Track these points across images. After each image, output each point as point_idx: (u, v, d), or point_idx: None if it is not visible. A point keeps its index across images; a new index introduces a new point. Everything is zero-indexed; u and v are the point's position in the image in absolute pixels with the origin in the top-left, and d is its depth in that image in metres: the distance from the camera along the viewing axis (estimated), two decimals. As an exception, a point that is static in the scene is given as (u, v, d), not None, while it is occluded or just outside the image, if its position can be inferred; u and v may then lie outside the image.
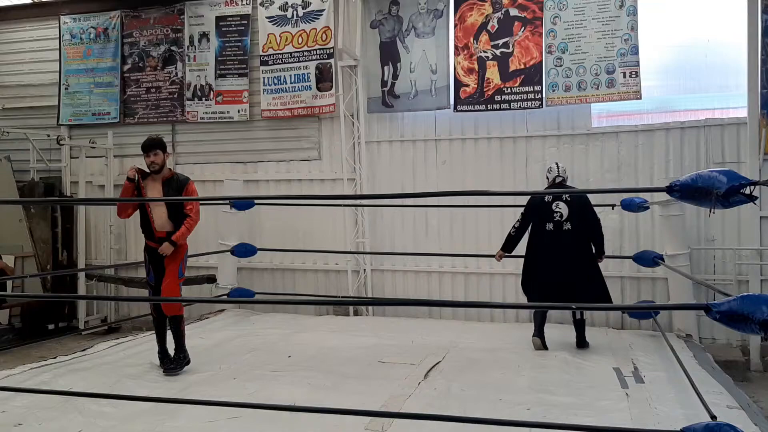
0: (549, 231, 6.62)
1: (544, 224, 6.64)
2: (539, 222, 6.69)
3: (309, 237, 9.57)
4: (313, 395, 5.14)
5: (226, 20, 10.06)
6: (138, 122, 10.56)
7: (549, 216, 6.63)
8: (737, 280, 7.86)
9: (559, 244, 6.59)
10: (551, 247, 6.62)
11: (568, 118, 8.70)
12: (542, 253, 6.68)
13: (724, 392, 5.21)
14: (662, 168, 8.30)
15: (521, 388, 5.39)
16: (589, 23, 8.36)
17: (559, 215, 6.62)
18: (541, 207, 6.66)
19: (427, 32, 9.10)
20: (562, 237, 6.60)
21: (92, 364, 6.25)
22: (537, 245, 6.74)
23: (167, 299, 5.97)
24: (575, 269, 6.60)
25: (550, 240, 6.62)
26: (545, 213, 6.64)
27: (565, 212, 6.62)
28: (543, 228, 6.65)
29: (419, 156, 9.30)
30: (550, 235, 6.62)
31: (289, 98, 9.65)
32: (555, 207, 6.62)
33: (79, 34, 10.87)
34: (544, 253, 6.67)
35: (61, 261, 10.32)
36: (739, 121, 8.00)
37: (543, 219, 6.66)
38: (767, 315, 3.04)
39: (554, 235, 6.61)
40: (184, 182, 6.08)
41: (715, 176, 3.32)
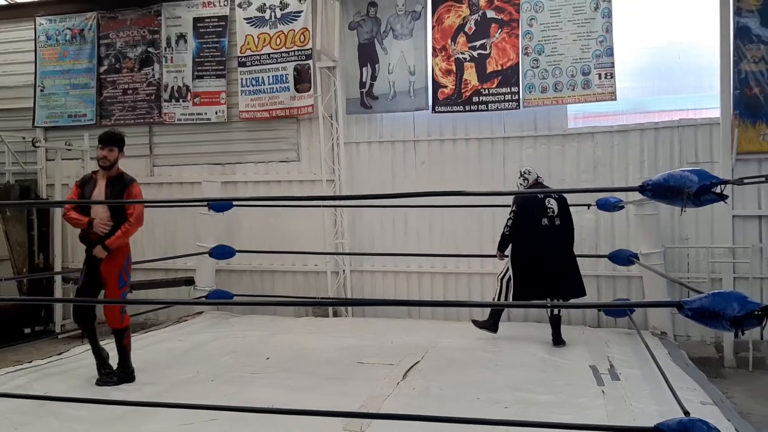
0: (545, 226, 6.93)
1: (541, 220, 6.92)
2: (535, 218, 6.92)
3: (288, 238, 9.55)
4: (291, 397, 5.13)
5: (203, 21, 10.01)
6: (115, 124, 10.44)
7: (544, 212, 6.93)
8: (710, 278, 7.97)
9: (554, 238, 6.93)
10: (549, 240, 6.91)
11: (544, 119, 8.78)
12: (539, 246, 6.89)
13: (698, 388, 5.29)
14: (637, 168, 8.40)
15: (499, 387, 5.43)
16: (564, 25, 8.45)
17: (552, 211, 6.96)
18: (535, 204, 6.93)
19: (405, 34, 9.13)
20: (555, 231, 6.94)
21: (68, 368, 6.18)
22: (532, 240, 6.92)
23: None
24: (567, 260, 7.01)
25: (547, 234, 6.92)
26: (540, 209, 6.94)
27: (556, 208, 6.98)
28: (539, 223, 6.91)
29: (398, 157, 9.33)
30: (547, 230, 6.92)
31: (267, 99, 9.63)
32: (548, 203, 6.96)
33: (55, 36, 10.76)
34: (541, 246, 6.89)
35: (38, 264, 10.21)
36: (712, 122, 8.12)
37: (538, 215, 6.92)
38: (738, 311, 3.08)
39: (550, 230, 6.92)
40: (128, 183, 5.67)
41: (686, 176, 3.36)
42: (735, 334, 7.40)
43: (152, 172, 10.42)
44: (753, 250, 7.89)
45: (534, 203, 6.94)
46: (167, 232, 10.27)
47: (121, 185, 5.65)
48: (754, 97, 7.87)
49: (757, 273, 7.90)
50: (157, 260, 9.48)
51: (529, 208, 6.93)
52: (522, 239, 6.96)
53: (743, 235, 7.98)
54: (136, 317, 9.44)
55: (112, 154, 5.61)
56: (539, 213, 6.93)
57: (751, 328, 3.11)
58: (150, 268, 9.75)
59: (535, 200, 6.94)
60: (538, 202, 6.95)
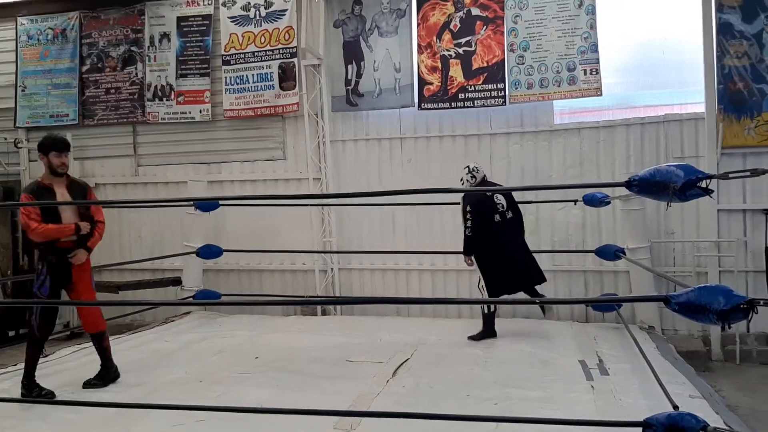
0: (498, 222, 7.02)
1: (492, 216, 7.01)
2: (487, 216, 6.99)
3: (275, 237, 9.50)
4: (280, 396, 5.12)
5: (187, 20, 9.94)
6: (98, 124, 10.39)
7: (495, 208, 7.03)
8: (696, 272, 8.04)
9: (508, 231, 7.06)
10: (503, 234, 7.01)
11: (531, 115, 8.80)
12: (498, 242, 6.96)
13: (686, 382, 5.33)
14: (623, 163, 8.45)
15: (488, 384, 5.44)
16: (549, 22, 8.46)
17: (501, 206, 7.07)
18: (485, 202, 7.01)
19: (390, 31, 9.11)
20: (508, 224, 7.07)
21: (54, 371, 6.12)
22: (488, 237, 6.97)
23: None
24: (523, 249, 7.18)
25: (501, 228, 7.01)
26: (491, 207, 7.02)
27: (504, 203, 7.10)
28: (492, 220, 7.00)
29: (384, 154, 9.32)
30: (501, 225, 7.02)
31: (252, 98, 9.58)
32: (496, 199, 7.07)
33: (37, 36, 10.64)
34: (499, 242, 6.97)
35: (22, 266, 10.09)
36: (697, 117, 8.18)
37: (490, 212, 7.01)
38: (724, 305, 3.09)
39: (503, 224, 7.03)
40: (86, 187, 5.71)
41: (672, 170, 3.37)
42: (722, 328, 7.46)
43: (137, 172, 10.33)
44: (738, 243, 7.96)
45: (485, 201, 7.01)
46: (153, 233, 10.20)
47: (81, 189, 5.64)
48: (738, 91, 7.93)
49: (742, 266, 7.97)
50: (144, 261, 9.42)
51: (482, 206, 6.98)
52: (481, 238, 7.00)
53: (728, 229, 8.05)
54: (123, 318, 9.41)
55: (68, 159, 5.54)
56: (491, 210, 7.02)
57: (737, 321, 3.13)
58: (136, 268, 9.70)
59: (486, 198, 7.01)
60: (488, 200, 7.03)
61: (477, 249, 7.01)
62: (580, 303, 8.35)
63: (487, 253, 6.99)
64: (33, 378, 5.37)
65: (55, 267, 5.41)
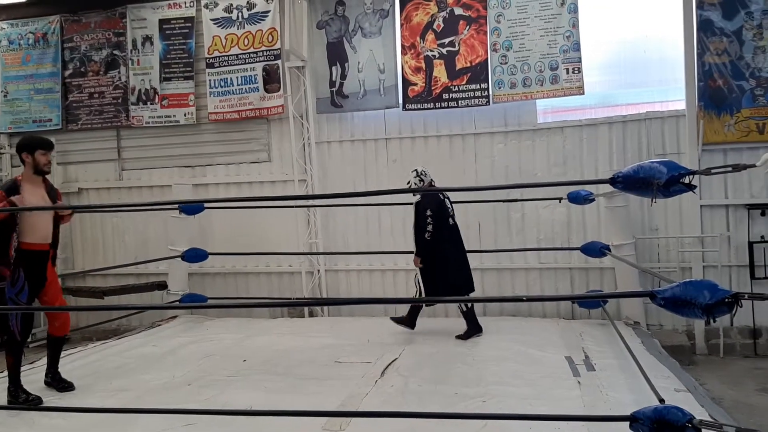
0: (452, 225, 7.21)
1: (447, 220, 7.15)
2: (443, 220, 7.10)
3: (261, 239, 9.48)
4: (269, 398, 5.10)
5: (169, 23, 9.90)
6: (81, 128, 10.31)
7: (448, 212, 7.18)
8: (680, 267, 8.12)
9: (458, 235, 7.28)
10: (456, 238, 7.24)
11: (514, 114, 8.85)
12: (452, 245, 7.14)
13: (671, 376, 5.37)
14: (606, 161, 8.51)
15: (476, 381, 5.45)
16: (532, 21, 8.51)
17: (452, 210, 7.25)
18: (442, 206, 7.12)
19: (373, 32, 9.13)
20: (456, 229, 7.29)
21: (40, 377, 6.04)
22: (446, 241, 7.09)
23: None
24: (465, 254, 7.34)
25: (454, 232, 7.23)
26: (445, 211, 7.16)
27: (452, 208, 7.27)
28: (447, 224, 7.14)
29: (370, 155, 9.33)
30: (453, 229, 7.23)
31: (236, 100, 9.56)
32: (448, 204, 7.22)
33: (17, 40, 10.55)
34: (451, 245, 7.14)
35: (5, 273, 9.98)
36: (678, 114, 8.27)
37: (445, 216, 7.14)
38: (709, 299, 3.14)
39: (455, 228, 7.25)
40: (55, 187, 5.73)
41: (655, 167, 3.42)
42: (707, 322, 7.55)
43: (121, 176, 10.27)
44: (721, 238, 8.05)
45: (441, 206, 7.12)
46: (138, 237, 10.15)
47: (53, 189, 5.65)
48: (718, 88, 8.03)
49: (725, 261, 8.06)
50: (128, 265, 9.34)
51: (440, 210, 7.08)
52: (442, 240, 7.10)
53: (711, 224, 8.14)
54: (109, 324, 9.36)
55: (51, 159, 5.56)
56: (446, 214, 7.16)
57: (722, 315, 3.18)
58: (121, 273, 9.63)
59: (441, 203, 7.14)
60: (443, 204, 7.15)
61: (434, 250, 7.07)
62: (566, 300, 8.41)
63: (440, 256, 7.08)
64: (19, 384, 5.33)
65: (32, 272, 5.33)
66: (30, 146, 5.43)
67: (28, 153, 5.42)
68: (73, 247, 10.44)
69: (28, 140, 5.50)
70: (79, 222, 10.39)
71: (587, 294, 8.29)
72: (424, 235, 6.96)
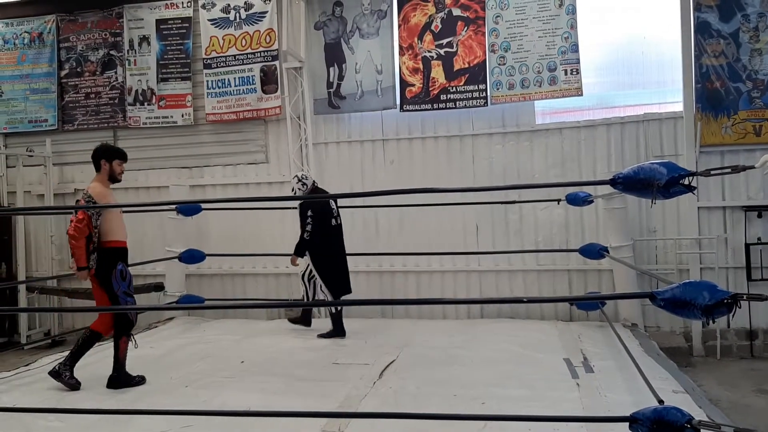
0: (335, 226, 7.54)
1: (330, 221, 7.48)
2: (326, 220, 7.43)
3: (258, 241, 9.47)
4: (267, 400, 5.08)
5: (166, 23, 9.87)
6: (78, 129, 10.28)
7: (331, 213, 7.51)
8: (678, 269, 8.13)
9: (341, 236, 7.62)
10: (339, 238, 7.59)
11: (512, 115, 8.84)
12: (335, 246, 7.51)
13: (669, 378, 5.37)
14: (604, 162, 8.51)
15: (475, 383, 5.44)
16: (530, 22, 8.51)
17: (336, 212, 7.58)
18: (325, 208, 7.45)
19: (371, 33, 9.12)
20: (340, 229, 7.62)
21: (37, 379, 6.04)
22: (328, 241, 7.44)
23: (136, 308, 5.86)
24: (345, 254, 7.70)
25: (338, 233, 7.58)
26: (329, 212, 7.49)
27: (336, 209, 7.62)
28: (330, 224, 7.47)
29: (367, 156, 9.32)
30: (338, 229, 7.57)
31: (234, 101, 9.54)
32: (332, 205, 7.56)
33: (13, 39, 10.52)
34: (336, 245, 7.53)
35: (0, 274, 9.96)
36: (676, 116, 8.28)
37: (329, 217, 7.47)
38: (708, 300, 3.13)
39: (338, 229, 7.58)
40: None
41: (655, 168, 3.42)
42: (705, 323, 7.58)
43: (118, 177, 10.22)
44: (718, 240, 8.05)
45: (324, 207, 7.42)
46: (135, 238, 9.94)
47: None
48: (716, 90, 8.04)
49: (722, 263, 8.07)
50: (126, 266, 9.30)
51: (322, 212, 7.39)
52: (321, 241, 7.35)
53: (708, 226, 8.15)
54: (105, 325, 9.30)
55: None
56: (329, 215, 7.46)
57: (721, 316, 3.18)
58: (118, 274, 9.57)
59: (326, 204, 7.44)
60: (327, 206, 7.46)
61: (318, 251, 7.35)
62: (565, 301, 8.42)
63: (325, 255, 7.40)
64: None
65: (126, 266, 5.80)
66: (109, 154, 5.81)
67: (107, 161, 5.79)
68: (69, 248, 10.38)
69: (107, 148, 5.90)
70: (75, 223, 10.34)
71: (587, 295, 8.29)
72: (302, 235, 7.31)
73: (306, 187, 7.50)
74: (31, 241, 10.39)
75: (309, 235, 7.27)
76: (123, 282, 5.74)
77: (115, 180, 5.84)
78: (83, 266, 5.55)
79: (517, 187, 8.20)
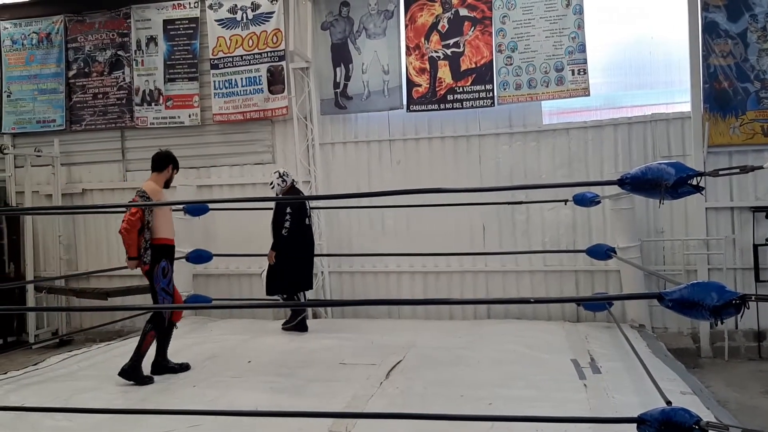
0: (309, 225, 7.87)
1: (304, 219, 7.75)
2: (301, 218, 7.69)
3: (265, 241, 9.44)
4: (274, 399, 5.10)
5: (174, 24, 9.90)
6: (85, 129, 10.33)
7: (306, 212, 7.79)
8: (686, 270, 8.10)
9: (311, 234, 7.97)
10: (311, 236, 7.93)
11: (519, 115, 8.83)
12: (308, 243, 7.83)
13: (677, 379, 5.36)
14: (612, 162, 8.49)
15: (481, 384, 5.44)
16: (537, 22, 8.50)
17: (309, 211, 7.89)
18: (302, 206, 7.69)
19: (378, 33, 9.12)
20: (311, 228, 7.98)
21: (45, 378, 6.08)
22: (303, 238, 7.73)
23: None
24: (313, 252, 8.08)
25: (309, 231, 7.89)
26: (304, 211, 7.74)
27: (310, 209, 7.93)
28: (304, 223, 7.74)
29: (374, 157, 9.32)
30: (309, 228, 7.88)
31: (240, 102, 9.56)
32: (308, 205, 7.85)
33: (21, 40, 10.58)
34: (308, 243, 7.85)
35: (8, 274, 10.01)
36: (683, 116, 8.25)
37: (303, 215, 7.73)
38: (717, 301, 3.12)
39: (310, 228, 7.91)
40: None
41: (663, 168, 3.41)
42: (714, 323, 7.55)
43: (125, 177, 10.27)
44: (726, 241, 8.03)
45: (301, 206, 7.67)
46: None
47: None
48: (723, 90, 8.01)
49: (730, 264, 8.04)
50: (133, 266, 9.34)
51: (300, 209, 7.64)
52: (295, 238, 7.60)
53: (716, 227, 8.12)
54: (113, 325, 9.36)
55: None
56: (304, 214, 7.72)
57: (729, 316, 3.17)
58: (126, 274, 9.56)
59: (302, 203, 7.71)
60: (303, 205, 7.71)
61: (290, 246, 7.59)
62: (572, 301, 8.40)
63: (296, 251, 7.64)
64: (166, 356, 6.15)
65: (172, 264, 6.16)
66: (175, 162, 6.23)
67: (174, 167, 6.21)
68: (77, 248, 10.45)
69: (173, 157, 6.23)
70: (82, 223, 10.41)
71: (595, 296, 8.27)
72: (281, 231, 7.54)
73: (285, 183, 7.77)
74: (39, 241, 10.45)
75: (287, 231, 7.53)
76: (164, 279, 6.00)
77: (168, 185, 6.22)
78: (134, 256, 5.88)
79: (524, 187, 8.19)
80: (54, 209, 10.07)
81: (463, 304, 8.30)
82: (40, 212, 10.28)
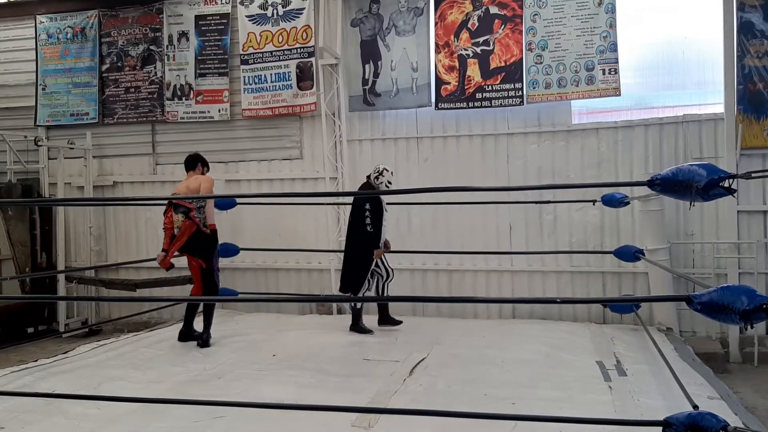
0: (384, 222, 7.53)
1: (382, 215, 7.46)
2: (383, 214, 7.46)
3: (291, 236, 9.55)
4: (299, 393, 5.13)
5: (205, 19, 10.00)
6: (117, 122, 10.48)
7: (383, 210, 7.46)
8: (716, 274, 7.98)
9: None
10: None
11: (548, 114, 8.77)
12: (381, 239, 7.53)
13: (705, 383, 5.29)
14: (641, 164, 8.40)
15: (505, 383, 5.42)
16: (568, 21, 8.43)
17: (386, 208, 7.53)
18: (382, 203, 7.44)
19: (407, 30, 9.12)
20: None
21: (74, 367, 6.19)
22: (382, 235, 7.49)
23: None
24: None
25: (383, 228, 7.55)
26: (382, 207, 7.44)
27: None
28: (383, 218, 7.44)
29: (401, 154, 9.32)
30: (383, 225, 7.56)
31: (270, 97, 9.62)
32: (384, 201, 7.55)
33: (56, 34, 10.75)
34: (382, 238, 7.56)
35: (40, 263, 10.21)
36: (716, 117, 8.13)
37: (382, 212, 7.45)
38: (747, 305, 3.08)
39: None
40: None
41: (695, 170, 3.36)
42: (743, 328, 7.43)
43: (155, 171, 10.41)
44: (758, 245, 7.90)
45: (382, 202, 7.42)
46: (170, 231, 10.24)
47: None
48: (758, 92, 7.88)
49: (762, 268, 7.92)
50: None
51: (382, 206, 7.41)
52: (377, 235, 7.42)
53: (748, 231, 8.00)
54: (141, 316, 9.50)
55: None
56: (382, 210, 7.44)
57: (759, 321, 3.13)
58: (153, 266, 9.71)
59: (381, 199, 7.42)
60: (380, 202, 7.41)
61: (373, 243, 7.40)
62: (599, 302, 8.31)
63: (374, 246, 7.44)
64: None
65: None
66: (204, 162, 7.32)
67: (203, 165, 7.29)
68: (107, 239, 10.61)
69: (202, 157, 7.36)
70: (113, 215, 10.57)
71: (622, 297, 8.18)
72: (367, 228, 7.35)
73: (390, 183, 7.55)
74: (71, 232, 10.63)
75: (372, 227, 7.35)
76: (216, 260, 7.08)
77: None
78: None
79: (552, 187, 8.13)
80: (86, 201, 10.24)
81: (488, 302, 8.28)
82: (72, 203, 10.47)
